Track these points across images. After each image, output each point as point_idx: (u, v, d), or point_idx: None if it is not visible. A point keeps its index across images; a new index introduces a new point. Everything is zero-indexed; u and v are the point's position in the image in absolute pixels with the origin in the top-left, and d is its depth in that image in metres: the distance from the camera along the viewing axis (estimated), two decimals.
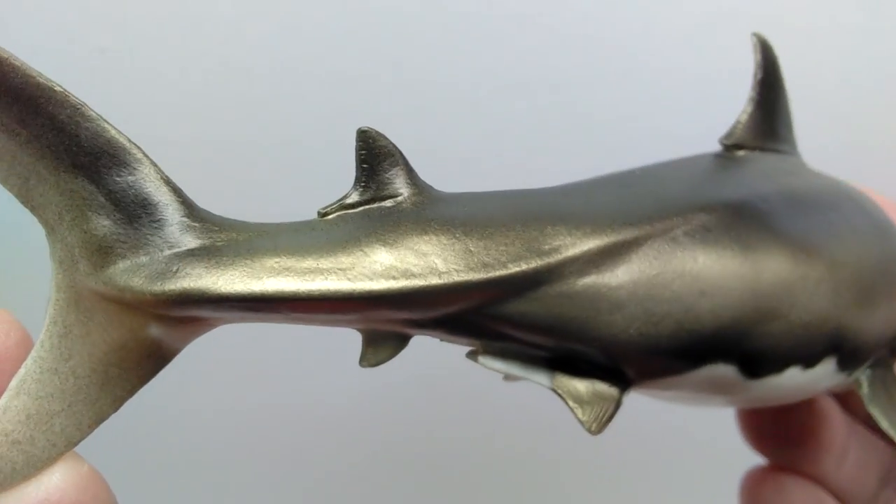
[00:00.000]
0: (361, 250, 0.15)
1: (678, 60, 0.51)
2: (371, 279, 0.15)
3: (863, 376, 0.21)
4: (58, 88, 0.15)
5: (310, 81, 0.49)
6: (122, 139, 0.16)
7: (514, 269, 0.16)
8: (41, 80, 0.14)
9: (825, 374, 0.20)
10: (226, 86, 0.47)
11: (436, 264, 0.15)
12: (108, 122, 0.15)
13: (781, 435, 0.26)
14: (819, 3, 0.50)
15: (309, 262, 0.15)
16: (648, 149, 0.51)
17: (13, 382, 0.15)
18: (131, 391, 0.16)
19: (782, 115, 0.24)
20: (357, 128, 0.17)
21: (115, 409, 0.15)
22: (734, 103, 0.51)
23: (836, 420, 0.26)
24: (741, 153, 0.23)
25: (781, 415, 0.25)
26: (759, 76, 0.23)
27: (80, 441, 0.15)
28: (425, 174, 0.18)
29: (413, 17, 0.49)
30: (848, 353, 0.20)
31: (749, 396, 0.20)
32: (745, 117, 0.23)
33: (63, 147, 0.15)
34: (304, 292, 0.15)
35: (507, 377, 0.20)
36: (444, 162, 0.52)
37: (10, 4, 0.46)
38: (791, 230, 0.19)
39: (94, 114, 0.15)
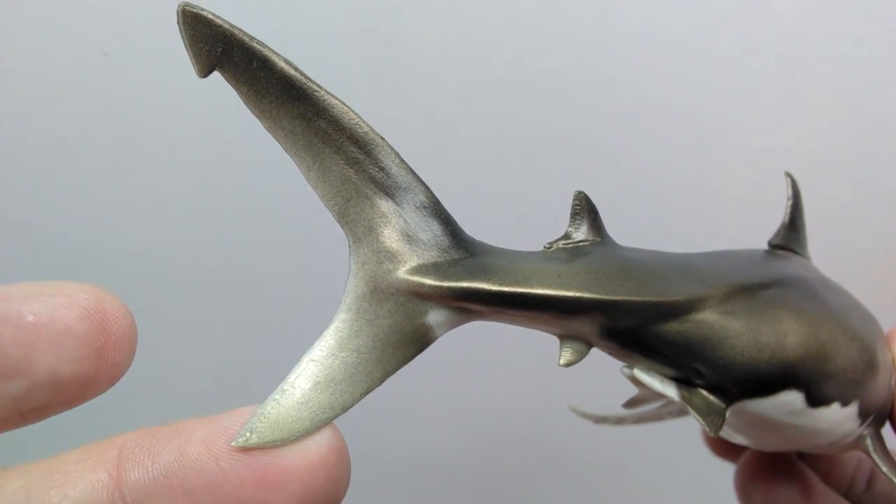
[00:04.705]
0: (586, 272, 0.21)
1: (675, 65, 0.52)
2: (596, 291, 0.21)
3: (866, 432, 0.28)
4: (384, 142, 0.19)
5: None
6: (416, 176, 0.20)
7: (677, 296, 0.22)
8: (375, 134, 0.19)
9: (851, 416, 0.26)
10: (225, 88, 0.48)
11: (631, 287, 0.21)
12: (408, 165, 0.20)
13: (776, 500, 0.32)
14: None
15: (552, 275, 0.21)
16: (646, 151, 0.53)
17: (309, 353, 0.18)
18: (396, 368, 0.19)
19: (803, 229, 0.32)
20: (575, 190, 0.23)
21: (380, 384, 0.19)
22: (724, 106, 0.52)
23: (819, 489, 0.32)
24: (781, 252, 0.30)
25: (776, 484, 0.32)
26: (791, 201, 0.32)
27: (350, 408, 0.18)
28: (428, 176, 0.21)
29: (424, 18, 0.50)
30: (864, 402, 0.26)
31: (802, 425, 0.26)
32: (783, 228, 0.31)
33: (381, 178, 0.19)
34: (552, 294, 0.20)
35: (630, 403, 0.29)
36: (444, 164, 0.53)
37: (16, 8, 0.47)
38: (831, 303, 0.27)
39: (404, 161, 0.19)
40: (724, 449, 0.34)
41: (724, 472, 0.34)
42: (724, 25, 0.51)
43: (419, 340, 0.20)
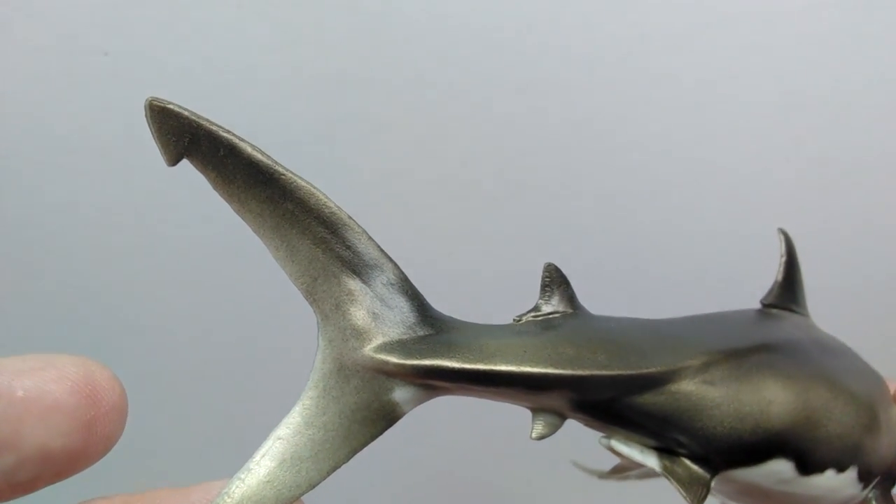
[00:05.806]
0: (553, 346, 0.21)
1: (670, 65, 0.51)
2: (563, 366, 0.21)
3: (871, 495, 0.27)
4: (350, 221, 0.19)
5: (309, 83, 0.50)
6: (384, 254, 0.20)
7: (652, 368, 0.22)
8: (342, 214, 0.19)
9: (849, 481, 0.25)
10: (226, 88, 0.48)
11: (601, 360, 0.21)
12: (376, 243, 0.20)
13: None
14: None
15: (518, 351, 0.20)
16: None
17: (276, 431, 0.18)
18: (363, 445, 0.19)
19: (799, 286, 0.31)
20: (545, 262, 0.23)
21: (347, 460, 0.19)
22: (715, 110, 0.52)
23: None
24: (775, 311, 0.29)
25: None
26: (784, 258, 0.31)
27: (316, 486, 0.18)
28: (420, 178, 0.20)
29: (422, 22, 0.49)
30: (864, 466, 0.25)
31: (796, 493, 0.25)
32: (776, 286, 0.30)
33: (349, 256, 0.20)
34: (516, 371, 0.20)
35: (614, 471, 0.29)
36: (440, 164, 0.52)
37: (18, 8, 0.47)
38: (824, 366, 0.26)
39: (371, 239, 0.20)
40: None
41: None
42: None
43: (386, 417, 0.20)
